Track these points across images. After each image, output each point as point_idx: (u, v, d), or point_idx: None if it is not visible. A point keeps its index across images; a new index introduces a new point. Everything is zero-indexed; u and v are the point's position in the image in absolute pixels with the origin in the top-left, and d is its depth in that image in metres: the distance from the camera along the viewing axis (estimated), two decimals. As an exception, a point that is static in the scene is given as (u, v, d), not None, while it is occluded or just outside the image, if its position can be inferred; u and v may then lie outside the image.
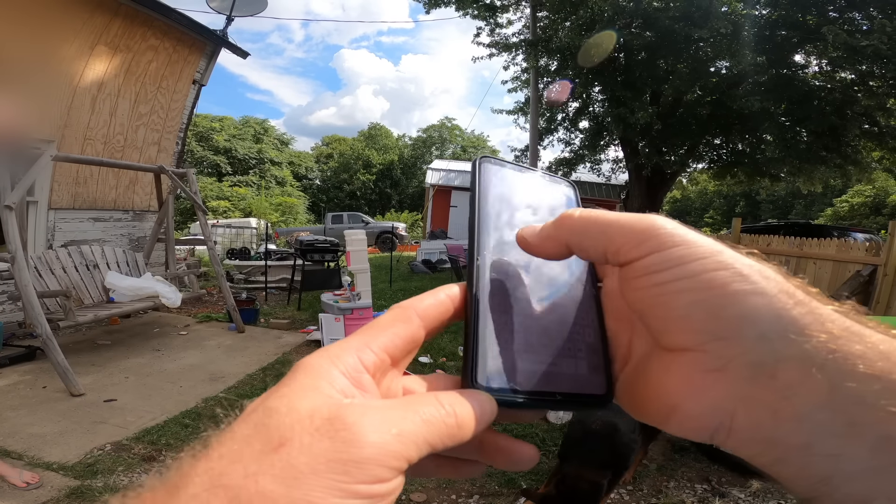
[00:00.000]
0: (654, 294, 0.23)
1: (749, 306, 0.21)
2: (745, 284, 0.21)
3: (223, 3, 7.53)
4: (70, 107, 5.60)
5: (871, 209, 23.36)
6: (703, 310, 0.21)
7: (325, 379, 0.21)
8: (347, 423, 0.19)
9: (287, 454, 0.18)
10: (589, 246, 0.25)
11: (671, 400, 0.23)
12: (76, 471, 2.61)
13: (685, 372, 0.22)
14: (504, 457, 0.26)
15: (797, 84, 8.53)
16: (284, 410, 0.19)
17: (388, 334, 0.24)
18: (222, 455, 0.18)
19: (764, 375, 0.20)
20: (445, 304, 0.27)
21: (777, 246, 8.35)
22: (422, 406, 0.21)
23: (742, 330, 0.21)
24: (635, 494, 2.60)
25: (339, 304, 4.74)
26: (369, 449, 0.18)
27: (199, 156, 31.06)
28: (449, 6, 11.45)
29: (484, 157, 0.31)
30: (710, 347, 0.21)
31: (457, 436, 0.22)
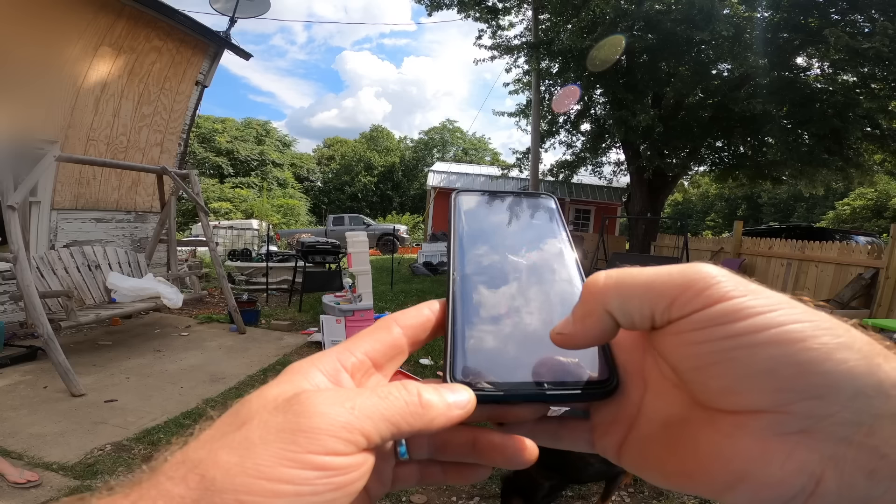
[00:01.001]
0: (719, 349, 0.20)
1: (841, 361, 0.19)
2: (833, 337, 0.19)
3: (226, 5, 7.56)
4: (73, 107, 5.62)
5: (873, 212, 23.30)
6: (790, 366, 0.19)
7: (302, 374, 0.23)
8: (302, 399, 0.20)
9: (246, 430, 0.19)
10: (635, 309, 0.23)
11: (738, 467, 0.20)
12: (76, 471, 2.61)
13: (758, 435, 0.20)
14: (500, 453, 0.26)
15: (799, 86, 8.53)
16: (254, 398, 0.21)
17: (370, 340, 0.26)
18: (199, 439, 0.20)
19: (860, 434, 0.18)
20: (427, 315, 0.28)
21: (779, 249, 8.33)
22: (385, 389, 0.22)
23: (837, 387, 0.19)
24: (636, 497, 2.59)
25: (340, 305, 4.74)
26: (318, 418, 0.19)
27: (201, 157, 31.13)
28: (451, 8, 11.49)
29: (459, 191, 0.35)
30: (797, 408, 0.19)
31: (423, 416, 0.22)
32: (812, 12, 8.00)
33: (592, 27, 8.94)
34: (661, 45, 8.83)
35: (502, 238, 0.32)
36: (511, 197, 0.36)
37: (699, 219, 35.25)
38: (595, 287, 0.24)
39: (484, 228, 0.33)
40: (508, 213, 0.35)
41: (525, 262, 0.31)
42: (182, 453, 0.19)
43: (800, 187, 11.69)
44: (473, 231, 0.32)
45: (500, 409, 0.26)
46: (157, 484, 0.18)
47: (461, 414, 0.23)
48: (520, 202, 0.35)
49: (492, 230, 0.33)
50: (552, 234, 0.33)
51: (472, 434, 0.26)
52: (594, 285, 0.24)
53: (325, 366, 0.23)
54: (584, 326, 0.24)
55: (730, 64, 8.82)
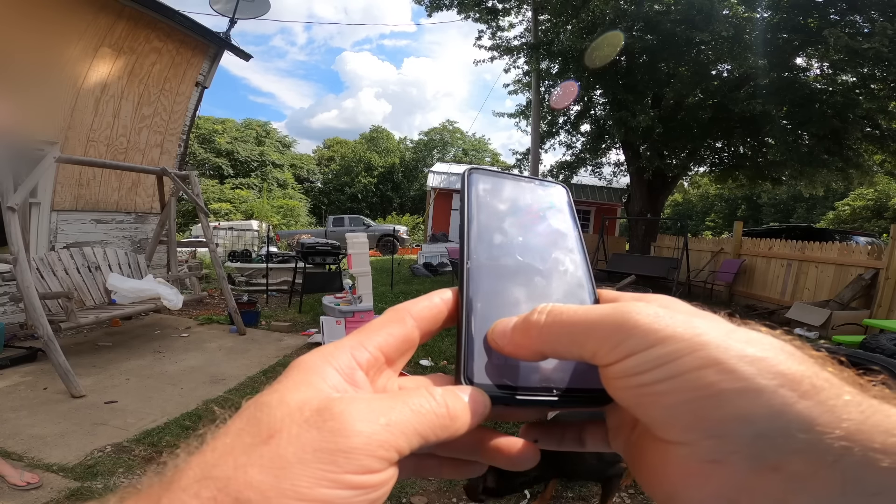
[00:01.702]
0: (637, 394, 0.21)
1: (738, 407, 0.19)
2: (735, 383, 0.19)
3: (226, 6, 7.57)
4: (73, 109, 5.62)
5: (873, 212, 23.30)
6: (690, 412, 0.20)
7: (318, 374, 0.21)
8: (335, 412, 0.19)
9: (276, 445, 0.18)
10: (563, 352, 0.24)
11: (670, 487, 0.22)
12: (76, 472, 2.61)
13: (681, 461, 0.21)
14: (504, 456, 0.26)
15: (799, 87, 8.54)
16: (275, 404, 0.20)
17: (383, 334, 0.25)
18: (215, 448, 0.19)
19: (766, 468, 0.19)
20: (439, 306, 0.27)
21: (779, 249, 8.33)
22: (412, 398, 0.21)
23: (736, 430, 0.19)
24: (637, 498, 2.58)
25: (340, 306, 4.74)
26: (357, 438, 0.18)
27: (201, 158, 31.14)
28: (451, 9, 11.50)
29: (472, 168, 0.32)
30: (703, 444, 0.20)
31: (450, 427, 0.22)
32: (811, 13, 8.00)
33: (592, 28, 8.95)
34: (661, 45, 8.84)
35: (517, 228, 0.31)
36: (525, 182, 0.34)
37: (699, 219, 35.25)
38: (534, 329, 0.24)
39: (498, 214, 0.31)
40: (523, 200, 0.33)
41: (538, 257, 0.30)
42: (201, 465, 0.18)
43: (800, 188, 11.69)
44: (487, 216, 0.30)
45: (508, 411, 0.26)
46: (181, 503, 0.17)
47: (479, 421, 0.23)
48: (534, 189, 0.34)
49: (506, 217, 0.31)
50: (565, 229, 0.32)
51: (478, 434, 0.26)
52: (535, 326, 0.24)
53: (340, 362, 0.22)
54: (517, 352, 0.25)
55: (729, 64, 8.83)
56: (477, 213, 0.30)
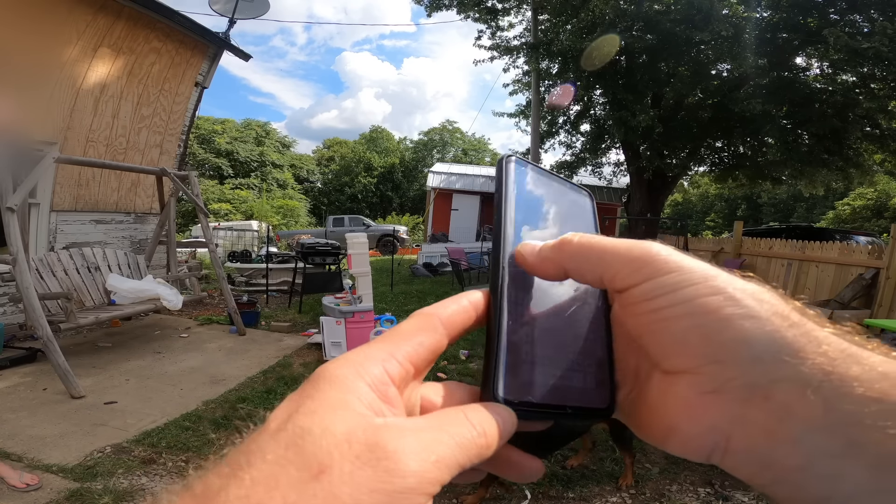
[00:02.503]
0: (650, 320, 0.23)
1: (741, 329, 0.21)
2: (737, 308, 0.22)
3: (226, 6, 7.57)
4: (73, 109, 5.62)
5: (873, 212, 23.30)
6: (698, 334, 0.22)
7: (353, 393, 0.20)
8: (389, 451, 0.18)
9: (329, 483, 0.17)
10: (586, 271, 0.26)
11: (669, 421, 0.23)
12: (76, 473, 2.61)
13: (682, 394, 0.23)
14: (513, 469, 0.26)
15: (798, 87, 8.54)
16: (318, 432, 0.18)
17: (413, 343, 0.24)
18: (255, 480, 0.17)
19: (758, 397, 0.21)
20: (469, 311, 0.26)
21: (779, 249, 8.33)
22: (454, 427, 0.21)
23: (736, 353, 0.21)
24: (638, 498, 2.58)
25: (340, 307, 4.74)
26: (412, 479, 0.18)
27: (200, 158, 31.14)
28: (451, 9, 11.50)
29: (510, 156, 0.30)
30: (706, 370, 0.22)
31: (484, 455, 0.22)
32: (811, 12, 8.00)
33: (592, 27, 8.94)
34: (661, 45, 8.83)
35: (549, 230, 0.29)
36: (559, 183, 0.32)
37: (699, 219, 35.25)
38: (567, 245, 0.26)
39: (534, 215, 0.29)
40: (558, 201, 0.31)
41: None
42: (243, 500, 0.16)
43: (800, 187, 11.70)
44: (525, 215, 0.29)
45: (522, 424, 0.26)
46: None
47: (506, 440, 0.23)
48: (566, 192, 0.32)
49: (543, 218, 0.30)
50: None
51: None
52: (566, 243, 0.26)
53: (372, 377, 0.21)
54: (541, 266, 0.27)
55: (729, 64, 8.83)
56: (515, 210, 0.28)
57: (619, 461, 2.89)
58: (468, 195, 20.62)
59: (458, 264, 8.74)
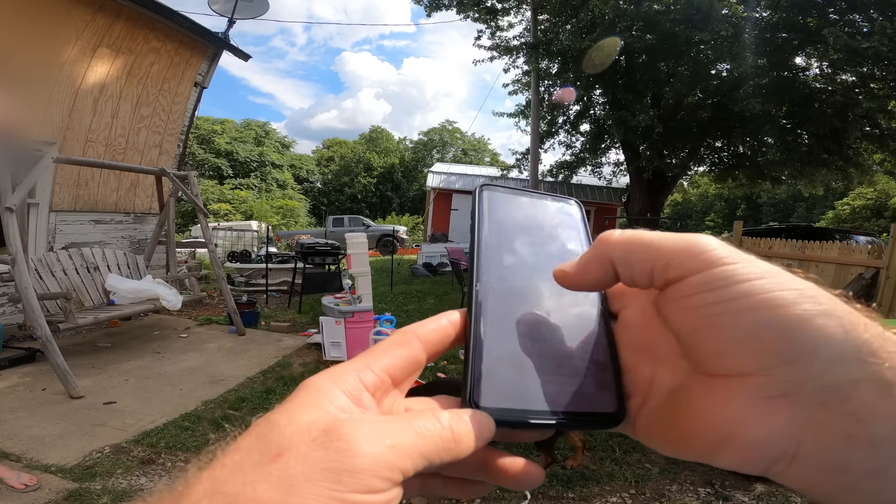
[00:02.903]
0: (711, 313, 0.21)
1: (820, 327, 0.20)
2: (815, 305, 0.20)
3: (225, 6, 7.56)
4: (72, 109, 5.61)
5: (873, 212, 23.31)
6: (772, 330, 0.20)
7: (326, 396, 0.22)
8: (342, 433, 0.19)
9: (284, 463, 0.18)
10: (636, 262, 0.24)
11: (725, 429, 0.21)
12: (75, 473, 2.60)
13: (743, 398, 0.21)
14: (510, 476, 0.26)
15: (798, 86, 8.54)
16: (284, 423, 0.20)
17: (389, 356, 0.25)
18: (224, 464, 0.19)
19: (837, 399, 0.19)
20: (447, 328, 0.27)
21: (779, 249, 8.33)
22: (417, 420, 0.22)
23: (814, 352, 0.20)
24: (638, 498, 2.58)
25: (339, 307, 4.73)
26: (363, 459, 0.19)
27: (200, 158, 31.13)
28: (450, 9, 11.50)
29: (484, 184, 0.31)
30: (777, 371, 0.20)
31: (454, 450, 0.22)
32: (811, 12, 8.01)
33: (591, 27, 8.94)
34: (660, 45, 8.83)
35: (528, 248, 0.30)
36: (538, 198, 0.33)
37: (699, 219, 35.25)
38: (607, 238, 0.26)
39: (509, 233, 0.30)
40: (535, 218, 0.32)
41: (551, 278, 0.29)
42: (211, 481, 0.18)
43: (799, 187, 11.70)
44: (498, 235, 0.30)
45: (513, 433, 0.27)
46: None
47: (483, 444, 0.24)
48: (547, 207, 0.33)
49: (517, 236, 0.31)
50: (578, 247, 0.32)
51: (484, 454, 0.26)
52: (607, 237, 0.26)
53: (347, 384, 0.23)
54: (585, 269, 0.26)
55: (729, 64, 8.83)
56: (487, 232, 0.30)
57: (620, 461, 2.89)
58: (468, 195, 20.54)
59: (457, 264, 8.72)
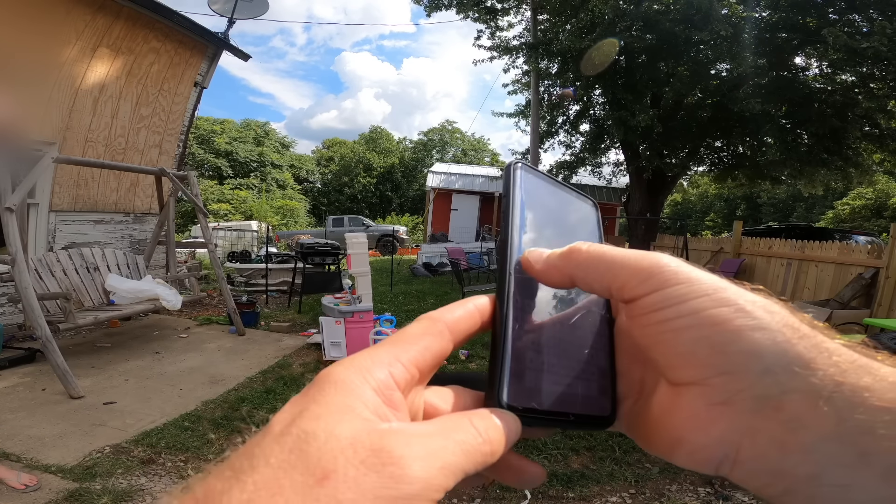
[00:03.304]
0: (658, 331, 0.23)
1: (752, 341, 0.21)
2: (748, 320, 0.22)
3: (225, 6, 7.56)
4: (71, 109, 5.61)
5: (873, 212, 23.30)
6: (707, 346, 0.22)
7: (359, 398, 0.20)
8: (395, 456, 0.18)
9: (333, 488, 0.17)
10: (593, 281, 0.26)
11: (676, 433, 0.23)
12: (75, 473, 2.60)
13: (691, 405, 0.23)
14: (514, 475, 0.26)
15: (798, 86, 8.53)
16: (323, 436, 0.18)
17: (419, 348, 0.24)
18: (258, 484, 0.17)
19: (769, 408, 0.21)
20: (475, 316, 0.26)
21: (779, 249, 8.33)
22: (460, 434, 0.21)
23: (746, 364, 0.21)
24: (637, 498, 2.58)
25: (339, 307, 4.73)
26: (417, 485, 0.18)
27: (200, 158, 31.12)
28: (450, 9, 11.50)
29: (519, 162, 0.30)
30: (715, 381, 0.22)
31: (488, 462, 0.22)
32: (810, 12, 8.00)
33: (591, 27, 8.94)
34: (660, 45, 8.83)
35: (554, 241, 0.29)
36: (565, 191, 0.33)
37: (698, 219, 35.25)
38: (575, 254, 0.26)
39: (539, 222, 0.30)
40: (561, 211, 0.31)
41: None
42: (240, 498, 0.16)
43: (799, 187, 11.69)
44: (533, 220, 0.29)
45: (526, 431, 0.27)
46: None
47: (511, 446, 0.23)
48: (571, 201, 0.33)
49: (546, 227, 0.30)
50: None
51: None
52: (575, 251, 0.27)
53: (377, 381, 0.21)
54: (547, 273, 0.27)
55: (728, 64, 8.82)
56: (521, 217, 0.28)
57: (620, 461, 2.89)
58: (468, 195, 20.61)
59: (457, 264, 8.73)
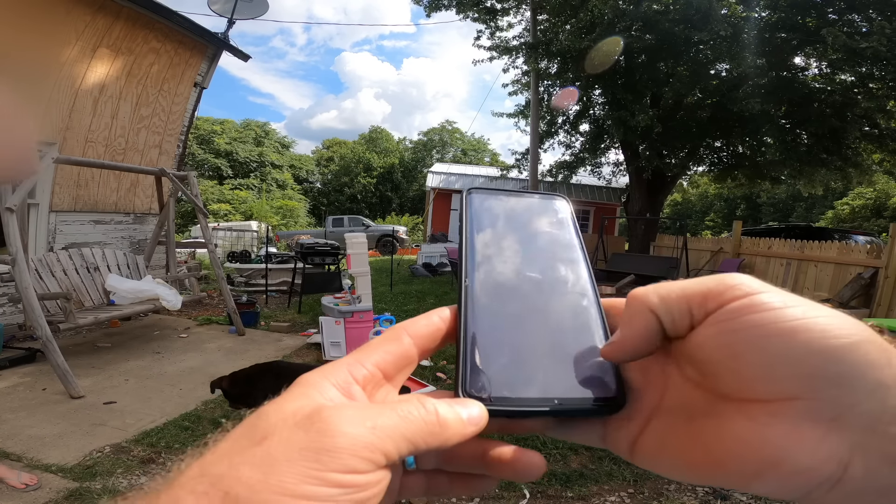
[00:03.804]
0: (754, 336, 0.21)
1: (866, 353, 0.20)
2: (856, 332, 0.20)
3: (225, 6, 7.57)
4: (72, 109, 5.61)
5: (872, 212, 23.30)
6: (819, 354, 0.20)
7: (315, 388, 0.23)
8: (323, 416, 0.20)
9: (267, 445, 0.19)
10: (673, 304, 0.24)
11: (769, 453, 0.21)
12: (75, 473, 2.61)
13: (791, 422, 0.20)
14: (510, 467, 0.26)
15: (797, 86, 8.55)
16: (272, 412, 0.21)
17: (379, 352, 0.26)
18: (214, 451, 0.20)
19: (883, 423, 0.20)
20: (437, 324, 0.28)
21: (778, 249, 8.34)
22: (402, 406, 0.22)
23: (863, 377, 0.20)
24: (636, 498, 2.58)
25: (339, 307, 4.73)
26: (342, 438, 0.19)
27: (200, 159, 31.12)
28: (450, 9, 11.50)
29: (472, 188, 0.33)
30: (826, 395, 0.20)
31: (440, 435, 0.22)
32: (810, 12, 8.01)
33: (591, 28, 8.95)
34: (660, 45, 8.84)
35: (516, 244, 0.32)
36: (526, 197, 0.35)
37: (698, 219, 35.25)
38: (639, 293, 0.26)
39: (497, 231, 0.32)
40: (523, 216, 0.33)
41: (539, 271, 0.30)
42: (200, 465, 0.20)
43: (799, 187, 11.71)
44: (486, 234, 0.31)
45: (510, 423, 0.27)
46: (178, 499, 0.18)
47: (475, 430, 0.24)
48: (534, 204, 0.34)
49: (506, 234, 0.32)
50: (567, 242, 0.33)
51: (482, 446, 0.26)
52: (639, 292, 0.26)
53: (337, 378, 0.24)
54: (631, 329, 0.25)
55: (728, 64, 8.83)
56: (475, 231, 0.31)
57: (619, 460, 2.89)
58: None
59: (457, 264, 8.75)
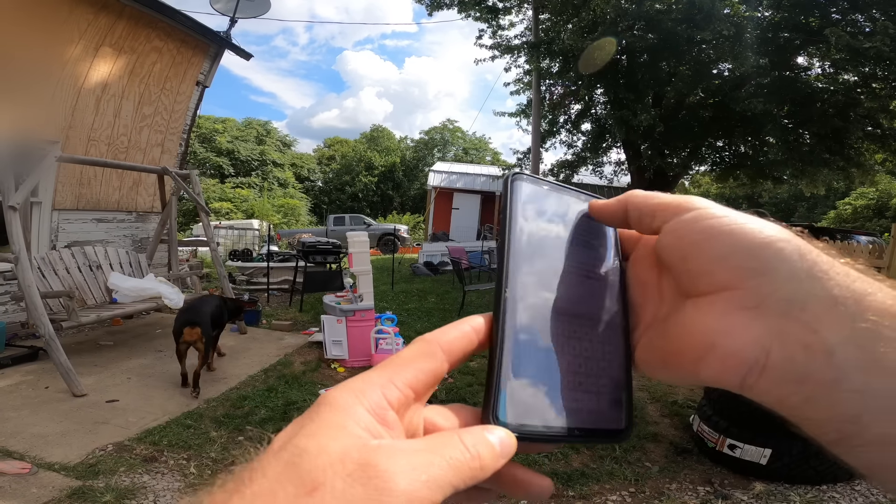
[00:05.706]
0: (697, 239, 0.26)
1: (780, 249, 0.24)
2: (776, 232, 0.25)
3: (227, 5, 7.57)
4: (74, 108, 5.62)
5: (875, 212, 23.23)
6: (743, 250, 0.24)
7: (351, 417, 0.21)
8: (380, 469, 0.19)
9: (321, 499, 0.18)
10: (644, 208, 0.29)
11: (708, 339, 0.25)
12: (78, 471, 2.62)
13: (722, 310, 0.24)
14: (522, 488, 0.26)
15: (800, 86, 8.52)
16: (315, 451, 0.19)
17: (413, 370, 0.24)
18: (255, 494, 0.18)
19: (796, 309, 0.23)
20: (470, 336, 0.27)
21: (780, 248, 8.31)
22: (447, 449, 0.22)
23: (777, 268, 0.24)
24: (637, 497, 2.59)
25: (341, 305, 4.74)
26: (401, 497, 0.19)
27: (201, 157, 31.14)
28: (451, 8, 11.49)
29: (516, 174, 0.29)
30: (749, 284, 0.24)
31: (478, 476, 0.22)
32: (813, 12, 7.98)
33: (593, 27, 8.93)
34: (662, 44, 8.81)
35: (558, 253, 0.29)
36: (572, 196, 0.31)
37: (700, 218, 35.14)
38: (631, 193, 0.30)
39: (543, 235, 0.29)
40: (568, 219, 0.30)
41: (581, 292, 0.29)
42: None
43: (801, 187, 11.67)
44: (531, 236, 0.28)
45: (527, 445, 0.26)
46: None
47: (505, 462, 0.23)
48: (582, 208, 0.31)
49: (549, 239, 0.29)
50: (609, 261, 0.31)
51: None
52: (632, 193, 0.30)
53: (371, 401, 0.22)
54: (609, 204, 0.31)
55: (730, 63, 8.80)
56: (519, 231, 0.28)
57: (620, 460, 2.90)
58: (469, 194, 20.61)
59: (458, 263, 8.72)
